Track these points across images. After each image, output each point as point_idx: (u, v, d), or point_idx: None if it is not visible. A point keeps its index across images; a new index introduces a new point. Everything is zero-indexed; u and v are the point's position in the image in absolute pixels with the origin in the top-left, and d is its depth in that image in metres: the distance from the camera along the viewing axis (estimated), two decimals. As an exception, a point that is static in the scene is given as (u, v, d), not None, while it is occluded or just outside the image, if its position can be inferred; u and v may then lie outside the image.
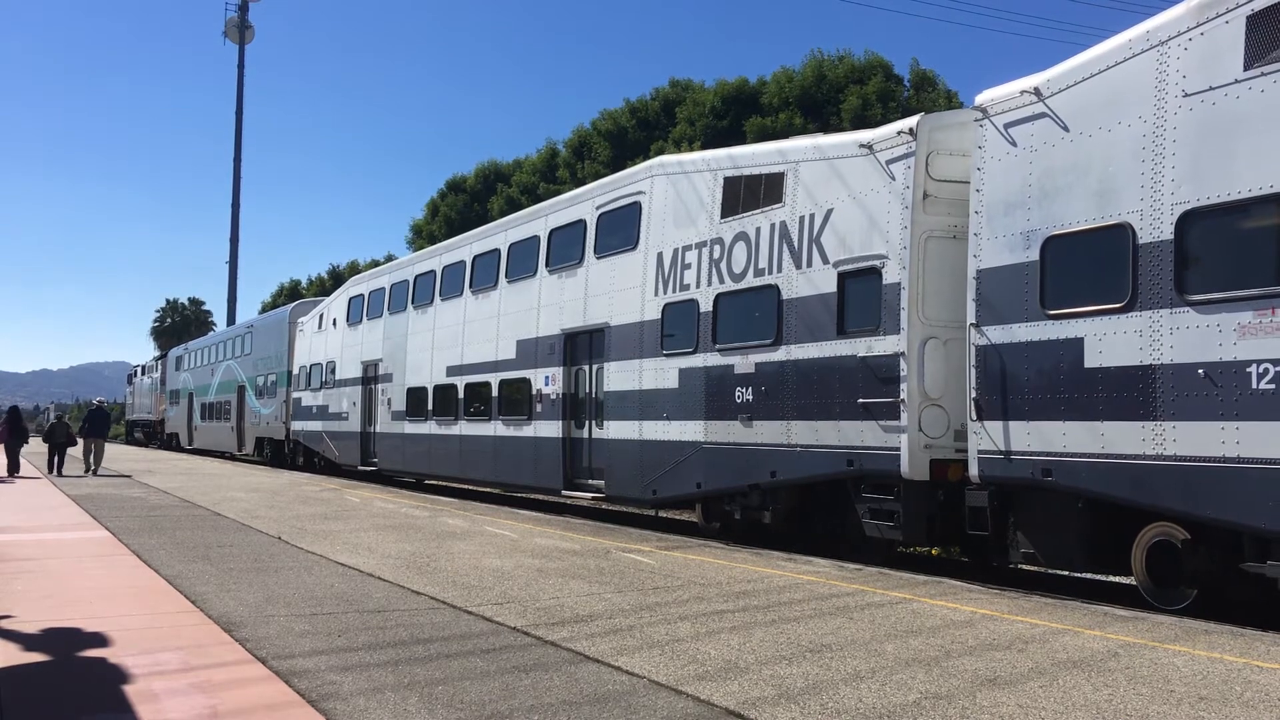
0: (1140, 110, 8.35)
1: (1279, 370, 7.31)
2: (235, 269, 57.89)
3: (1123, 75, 8.53)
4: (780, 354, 12.06)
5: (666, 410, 13.94)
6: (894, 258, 10.61)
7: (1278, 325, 7.33)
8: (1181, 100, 8.06)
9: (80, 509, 15.45)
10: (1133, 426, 8.26)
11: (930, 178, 10.49)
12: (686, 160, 14.46)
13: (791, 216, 12.05)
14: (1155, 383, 8.11)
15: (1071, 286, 8.83)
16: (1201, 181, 7.88)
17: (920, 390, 10.35)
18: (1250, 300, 7.51)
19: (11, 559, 10.01)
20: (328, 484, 22.26)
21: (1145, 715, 4.99)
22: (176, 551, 10.64)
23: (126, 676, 5.58)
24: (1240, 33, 7.71)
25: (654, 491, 14.23)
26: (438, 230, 47.04)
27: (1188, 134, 8.00)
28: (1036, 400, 9.06)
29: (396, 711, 4.95)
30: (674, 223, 14.14)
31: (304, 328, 29.52)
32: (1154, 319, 8.13)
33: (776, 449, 12.02)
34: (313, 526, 13.21)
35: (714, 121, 37.43)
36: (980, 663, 6.02)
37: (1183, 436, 7.92)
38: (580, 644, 6.44)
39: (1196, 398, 7.82)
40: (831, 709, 5.05)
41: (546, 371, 16.95)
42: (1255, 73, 7.59)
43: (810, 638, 6.69)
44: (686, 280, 13.75)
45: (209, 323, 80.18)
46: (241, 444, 35.69)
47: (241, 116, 59.48)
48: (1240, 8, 7.74)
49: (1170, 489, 8.03)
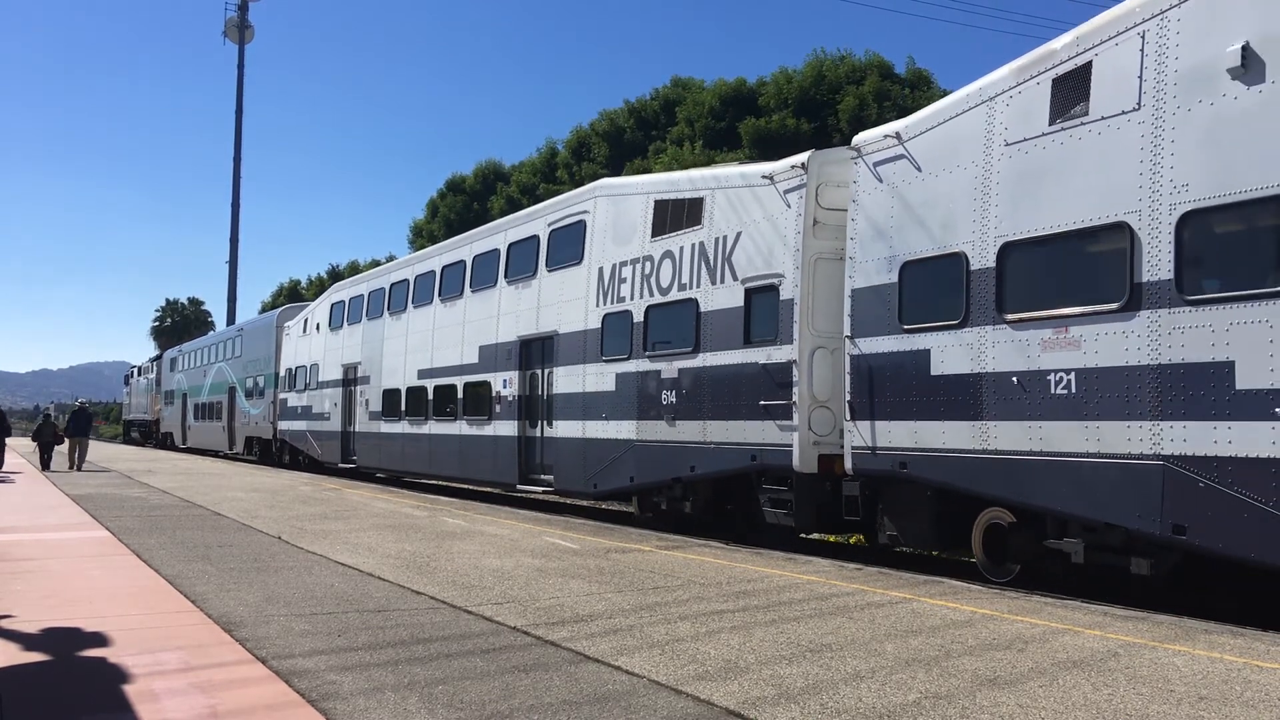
0: (973, 156, 9.79)
1: (1069, 378, 8.75)
2: (235, 269, 58.52)
3: (961, 125, 9.96)
4: (699, 361, 13.49)
5: (605, 411, 15.37)
6: (789, 276, 12.04)
7: (1070, 341, 8.77)
8: (1004, 149, 9.50)
9: (80, 509, 15.49)
10: (966, 425, 9.70)
11: (820, 206, 11.92)
12: (625, 183, 15.90)
13: (709, 238, 13.48)
14: (981, 388, 9.55)
15: (922, 305, 10.27)
16: (1016, 218, 9.31)
17: (810, 394, 11.77)
18: (1050, 320, 8.95)
19: (11, 559, 10.00)
20: (328, 484, 22.43)
21: (1145, 715, 5.00)
22: (177, 551, 10.65)
23: (126, 676, 5.59)
24: (1047, 92, 9.15)
25: (595, 485, 15.65)
26: (437, 230, 47.48)
27: (1008, 178, 9.43)
28: (895, 403, 10.50)
29: (396, 711, 4.97)
30: (613, 240, 15.57)
31: (290, 332, 30.95)
32: (981, 334, 9.57)
33: (695, 446, 13.45)
34: (312, 526, 13.25)
35: (713, 122, 37.60)
36: (980, 662, 6.03)
37: (1002, 434, 9.36)
38: (580, 644, 6.46)
39: (1012, 401, 9.26)
40: (831, 709, 5.07)
41: (504, 375, 18.38)
42: (1057, 127, 9.03)
43: (810, 637, 6.71)
44: (623, 293, 15.18)
45: (209, 322, 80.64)
46: (232, 443, 37.12)
47: (241, 116, 60.03)
48: (1048, 71, 9.17)
49: (995, 479, 9.47)
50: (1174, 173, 8.03)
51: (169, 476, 24.32)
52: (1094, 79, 8.73)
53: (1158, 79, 8.22)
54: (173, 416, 47.85)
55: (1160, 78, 8.21)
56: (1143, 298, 8.20)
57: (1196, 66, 7.95)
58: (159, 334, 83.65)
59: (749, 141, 35.80)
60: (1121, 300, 8.34)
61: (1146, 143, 8.25)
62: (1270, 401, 7.33)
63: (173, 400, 48.01)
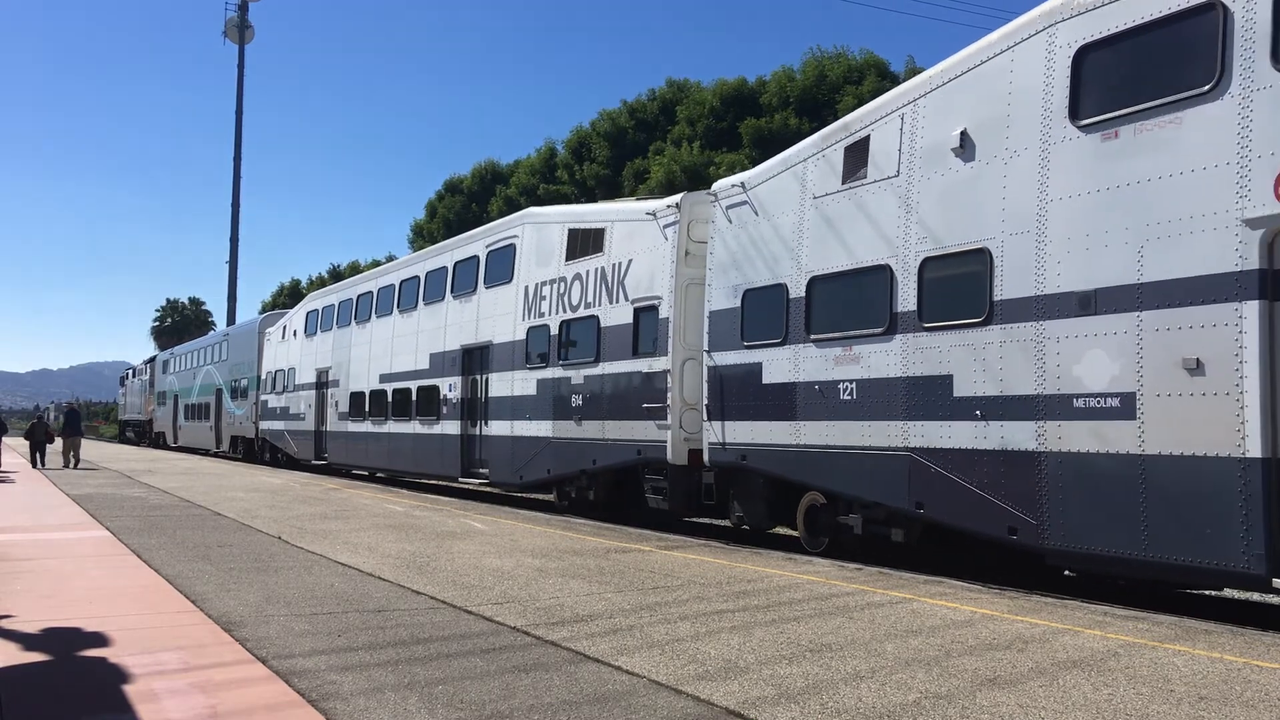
0: (793, 205, 12.01)
1: (853, 387, 10.98)
2: (235, 269, 59.16)
3: (785, 180, 12.19)
4: (599, 369, 15.72)
5: (529, 412, 17.60)
6: (666, 298, 14.27)
7: (853, 357, 11.00)
8: (813, 201, 11.72)
9: (80, 509, 15.56)
10: (785, 425, 11.92)
11: (691, 240, 14.15)
12: (547, 213, 18.16)
13: (609, 263, 15.71)
14: (796, 395, 11.77)
15: (757, 326, 12.48)
16: (820, 258, 11.54)
17: (681, 398, 14.00)
18: (841, 339, 11.18)
19: (11, 559, 10.02)
20: (327, 484, 22.78)
21: (1145, 715, 5.01)
22: (177, 551, 10.69)
23: (126, 676, 5.57)
24: (841, 158, 11.37)
25: (521, 477, 17.89)
26: (437, 231, 47.34)
27: (815, 224, 11.66)
28: (738, 406, 12.72)
29: (396, 711, 4.98)
30: (537, 263, 17.81)
31: (271, 337, 33.19)
32: (795, 350, 11.79)
33: (597, 443, 15.68)
34: (313, 526, 13.35)
35: (713, 122, 37.39)
36: (980, 662, 6.05)
37: (809, 431, 11.58)
38: (580, 644, 6.48)
39: (815, 405, 11.48)
40: (831, 709, 5.08)
41: (450, 380, 20.62)
42: (847, 187, 11.26)
43: (810, 637, 6.74)
44: (543, 309, 17.41)
45: (209, 322, 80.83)
46: (219, 442, 39.35)
47: (241, 116, 60.44)
48: (842, 140, 11.40)
49: (806, 469, 11.69)
50: (918, 227, 10.26)
51: (169, 476, 24.58)
52: (871, 149, 10.96)
53: (910, 152, 10.46)
54: (165, 417, 50.04)
55: (912, 152, 10.44)
56: (898, 324, 10.43)
57: (933, 144, 10.19)
58: (159, 334, 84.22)
59: (750, 141, 35.58)
60: (885, 325, 10.58)
61: (901, 202, 10.48)
62: (974, 405, 9.56)
63: (165, 401, 50.19)
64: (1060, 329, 8.77)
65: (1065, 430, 8.73)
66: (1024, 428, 9.09)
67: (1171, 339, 7.92)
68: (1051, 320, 8.85)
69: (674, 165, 33.86)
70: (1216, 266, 7.64)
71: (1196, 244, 7.78)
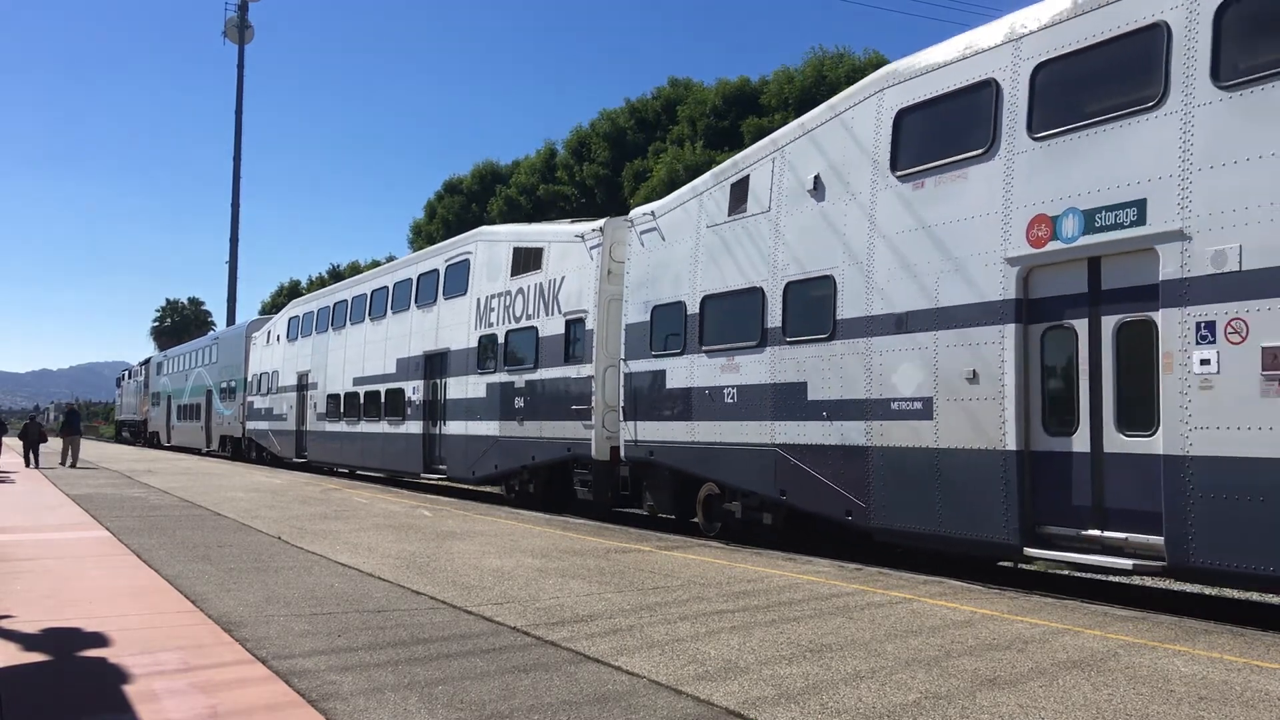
0: (691, 232, 13.75)
1: (734, 391, 12.71)
2: (235, 269, 59.78)
3: (686, 210, 13.93)
4: (538, 374, 17.45)
5: (480, 413, 19.33)
6: (591, 312, 16.00)
7: (734, 366, 12.73)
8: (706, 229, 13.46)
9: (80, 509, 15.63)
10: (683, 424, 13.66)
11: (612, 259, 15.89)
12: (496, 231, 19.93)
13: (546, 280, 17.46)
14: (691, 398, 13.51)
15: (662, 338, 14.22)
16: (710, 279, 13.28)
17: (603, 401, 15.74)
18: (725, 350, 12.92)
19: (11, 559, 10.02)
20: (328, 484, 23.13)
21: (1145, 715, 5.02)
22: (177, 551, 10.70)
23: (126, 676, 5.57)
24: (728, 192, 13.11)
25: (474, 472, 19.62)
26: (436, 231, 47.00)
27: (707, 249, 13.40)
28: (647, 408, 14.45)
29: (396, 711, 4.98)
30: (487, 277, 19.55)
31: (256, 341, 34.94)
32: (691, 359, 13.53)
33: (536, 440, 17.41)
34: (313, 526, 13.41)
35: (715, 121, 37.41)
36: (980, 663, 6.06)
37: (701, 430, 13.31)
38: (580, 644, 6.47)
39: (706, 407, 13.21)
40: (831, 709, 5.08)
41: (414, 383, 22.37)
42: (733, 218, 12.99)
43: (810, 638, 6.74)
44: (492, 320, 19.15)
45: (209, 323, 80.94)
46: (209, 442, 41.08)
47: (241, 116, 61.01)
48: (730, 178, 13.14)
49: (701, 463, 13.42)
50: (784, 255, 12.01)
51: (168, 476, 24.77)
52: (751, 186, 12.71)
53: (778, 191, 12.20)
54: (159, 417, 51.73)
55: (780, 190, 12.18)
56: (768, 338, 12.17)
57: (796, 185, 11.93)
58: (159, 334, 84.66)
59: (751, 141, 33.41)
60: (758, 339, 12.31)
61: (773, 233, 12.22)
62: (823, 407, 11.30)
63: (159, 402, 51.87)
64: (883, 344, 10.52)
65: (886, 428, 10.47)
66: (858, 426, 10.84)
67: (958, 354, 9.67)
68: (876, 337, 10.60)
69: (676, 164, 34.02)
70: (987, 295, 9.40)
71: (975, 277, 9.53)
